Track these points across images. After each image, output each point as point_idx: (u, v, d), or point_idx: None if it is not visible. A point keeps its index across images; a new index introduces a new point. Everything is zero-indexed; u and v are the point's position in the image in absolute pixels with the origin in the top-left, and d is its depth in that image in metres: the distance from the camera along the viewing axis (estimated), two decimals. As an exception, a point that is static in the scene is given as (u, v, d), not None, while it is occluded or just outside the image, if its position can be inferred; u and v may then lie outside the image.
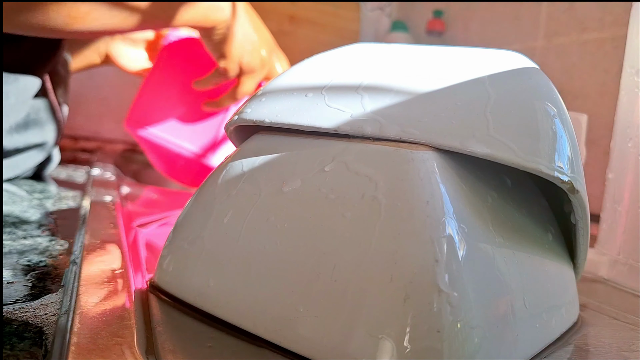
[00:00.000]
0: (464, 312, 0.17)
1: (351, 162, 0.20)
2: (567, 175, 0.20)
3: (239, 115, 0.25)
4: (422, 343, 0.16)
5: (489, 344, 0.17)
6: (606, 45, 0.74)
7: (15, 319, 0.20)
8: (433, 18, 1.07)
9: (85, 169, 0.63)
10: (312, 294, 0.18)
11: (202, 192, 0.25)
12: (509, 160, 0.19)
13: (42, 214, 0.38)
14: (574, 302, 0.25)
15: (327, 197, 0.20)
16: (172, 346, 0.19)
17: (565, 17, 0.80)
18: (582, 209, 0.22)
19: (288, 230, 0.20)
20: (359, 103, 0.22)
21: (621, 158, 0.35)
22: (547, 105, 0.21)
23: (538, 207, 0.25)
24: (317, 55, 0.28)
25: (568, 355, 0.22)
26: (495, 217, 0.20)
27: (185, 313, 0.22)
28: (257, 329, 0.20)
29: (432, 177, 0.19)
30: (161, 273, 0.24)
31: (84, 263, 0.26)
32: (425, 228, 0.18)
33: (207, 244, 0.22)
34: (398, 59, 0.25)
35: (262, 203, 0.21)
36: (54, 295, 0.23)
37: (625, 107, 0.35)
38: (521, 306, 0.19)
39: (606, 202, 0.37)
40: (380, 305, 0.17)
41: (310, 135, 0.23)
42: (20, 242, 0.30)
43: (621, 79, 0.36)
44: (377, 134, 0.20)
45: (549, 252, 0.23)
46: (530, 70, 0.23)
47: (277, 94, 0.25)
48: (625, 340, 0.25)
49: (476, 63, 0.23)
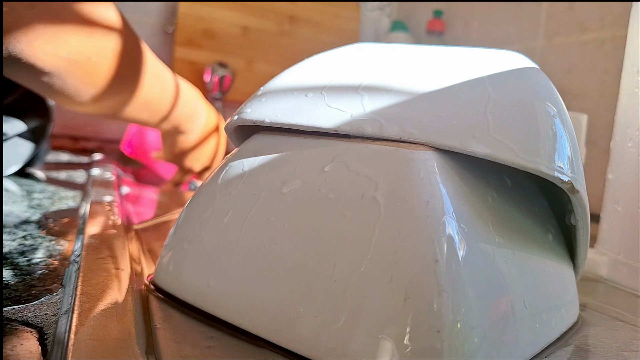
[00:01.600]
0: (464, 312, 0.17)
1: (351, 162, 0.20)
2: (567, 175, 0.20)
3: (239, 115, 0.25)
4: (422, 343, 0.16)
5: (489, 344, 0.17)
6: (606, 45, 0.74)
7: (15, 319, 0.20)
8: (433, 18, 1.07)
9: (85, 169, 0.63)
10: (312, 294, 0.18)
11: (202, 192, 0.25)
12: (509, 160, 0.19)
13: (42, 214, 0.38)
14: (574, 302, 0.25)
15: (327, 197, 0.20)
16: (172, 346, 0.19)
17: (565, 17, 0.80)
18: (582, 209, 0.22)
19: (288, 230, 0.20)
20: (359, 103, 0.22)
21: (621, 158, 0.35)
22: (547, 105, 0.21)
23: (538, 207, 0.25)
24: (317, 55, 0.28)
25: (568, 355, 0.22)
26: (495, 217, 0.20)
27: (185, 313, 0.22)
28: (257, 329, 0.20)
29: (432, 177, 0.19)
30: (161, 273, 0.24)
31: (84, 263, 0.26)
32: (425, 228, 0.17)
33: (207, 244, 0.22)
34: (398, 59, 0.25)
35: (262, 203, 0.21)
36: (54, 295, 0.23)
37: (625, 107, 0.35)
38: (521, 306, 0.19)
39: (606, 202, 0.37)
40: (380, 305, 0.17)
41: (310, 135, 0.23)
42: (20, 242, 0.30)
43: (621, 78, 0.36)
44: (377, 134, 0.20)
45: (549, 252, 0.23)
46: (530, 70, 0.23)
47: (277, 94, 0.25)
48: (625, 340, 0.25)
49: (476, 63, 0.23)
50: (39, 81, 0.41)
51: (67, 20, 0.39)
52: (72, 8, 0.39)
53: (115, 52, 0.43)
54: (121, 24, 0.43)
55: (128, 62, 0.45)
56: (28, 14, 0.36)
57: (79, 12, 0.39)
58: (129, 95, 0.47)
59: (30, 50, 0.37)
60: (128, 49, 0.44)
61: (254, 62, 1.08)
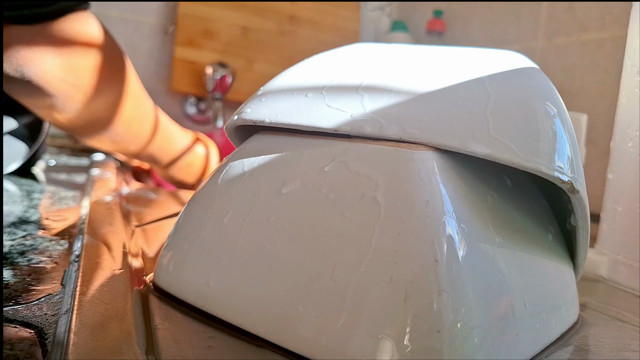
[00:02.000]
0: (464, 312, 0.17)
1: (351, 162, 0.20)
2: (567, 175, 0.20)
3: (239, 115, 0.25)
4: (422, 343, 0.16)
5: (489, 344, 0.17)
6: (606, 45, 0.74)
7: (15, 319, 0.20)
8: (433, 18, 1.07)
9: (85, 169, 0.63)
10: (312, 293, 0.18)
11: (202, 192, 0.25)
12: (509, 160, 0.19)
13: (42, 214, 0.38)
14: (574, 302, 0.25)
15: (327, 197, 0.20)
16: (172, 346, 0.19)
17: (565, 17, 0.80)
18: (582, 209, 0.22)
19: (288, 230, 0.20)
20: (359, 103, 0.22)
21: (621, 158, 0.35)
22: (547, 105, 0.21)
23: (538, 207, 0.25)
24: (317, 55, 0.28)
25: (568, 355, 0.22)
26: (495, 217, 0.20)
27: (185, 313, 0.22)
28: (257, 329, 0.20)
29: (432, 177, 0.19)
30: (161, 273, 0.24)
31: (84, 263, 0.26)
32: (425, 228, 0.17)
33: (207, 244, 0.22)
34: (398, 59, 0.25)
35: (262, 203, 0.21)
36: (54, 295, 0.23)
37: (625, 107, 0.35)
38: (521, 306, 0.19)
39: (606, 202, 0.37)
40: (380, 305, 0.17)
41: (311, 135, 0.23)
42: (20, 242, 0.30)
43: (621, 78, 0.36)
44: (377, 134, 0.20)
45: (549, 252, 0.23)
46: (530, 70, 0.23)
47: (277, 94, 0.25)
48: (625, 340, 0.25)
49: (476, 63, 0.23)
50: (40, 101, 0.43)
51: (74, 46, 0.41)
52: (76, 31, 0.41)
53: (107, 70, 0.45)
54: (110, 38, 0.46)
55: (114, 80, 0.48)
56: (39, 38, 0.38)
57: (79, 34, 0.42)
58: (109, 117, 0.49)
59: (43, 74, 0.40)
60: (114, 63, 0.47)
61: (254, 62, 1.08)
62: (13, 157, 0.52)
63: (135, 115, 0.52)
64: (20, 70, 0.39)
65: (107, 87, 0.46)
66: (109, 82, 0.46)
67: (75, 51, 0.42)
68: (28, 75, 0.39)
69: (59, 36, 0.40)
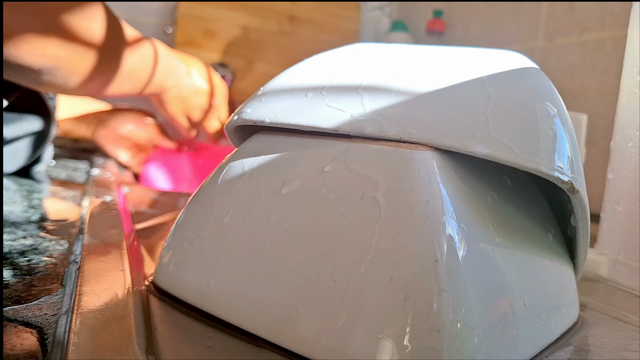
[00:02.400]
0: (464, 312, 0.17)
1: (351, 162, 0.20)
2: (567, 175, 0.20)
3: (239, 115, 0.25)
4: (422, 343, 0.16)
5: (489, 344, 0.17)
6: (606, 45, 0.74)
7: (15, 319, 0.20)
8: (433, 18, 1.07)
9: (85, 169, 0.63)
10: (312, 293, 0.18)
11: (202, 192, 0.25)
12: (509, 160, 0.19)
13: (42, 214, 0.38)
14: (574, 302, 0.25)
15: (327, 197, 0.20)
16: (172, 346, 0.19)
17: (565, 17, 0.80)
18: (582, 209, 0.22)
19: (288, 230, 0.20)
20: (359, 103, 0.22)
21: (621, 158, 0.35)
22: (547, 105, 0.21)
23: (538, 207, 0.25)
24: (317, 55, 0.28)
25: (568, 355, 0.22)
26: (495, 217, 0.20)
27: (185, 313, 0.22)
28: (257, 328, 0.20)
29: (432, 177, 0.19)
30: (161, 273, 0.24)
31: (84, 263, 0.26)
32: (425, 228, 0.17)
33: (207, 244, 0.22)
34: (398, 59, 0.25)
35: (262, 203, 0.21)
36: (54, 295, 0.23)
37: (625, 107, 0.35)
38: (521, 306, 0.19)
39: (606, 202, 0.37)
40: (380, 305, 0.17)
41: (311, 135, 0.23)
42: (20, 242, 0.30)
43: (621, 79, 0.36)
44: (377, 134, 0.20)
45: (549, 252, 0.23)
46: (530, 70, 0.23)
47: (277, 94, 0.25)
48: (625, 340, 0.25)
49: (476, 63, 0.23)
50: (29, 77, 0.42)
51: (52, 19, 0.40)
52: (55, 6, 0.40)
53: (98, 37, 0.45)
54: (101, 6, 0.45)
55: (110, 44, 0.47)
56: (15, 20, 0.38)
57: (62, 7, 0.41)
58: (113, 72, 0.49)
59: (18, 53, 0.39)
60: (110, 30, 0.46)
61: (254, 62, 1.08)
62: (19, 158, 0.52)
63: (135, 65, 0.52)
64: (13, 54, 0.39)
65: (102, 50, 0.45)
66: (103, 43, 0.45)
67: (49, 25, 0.41)
68: (6, 56, 0.39)
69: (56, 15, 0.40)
